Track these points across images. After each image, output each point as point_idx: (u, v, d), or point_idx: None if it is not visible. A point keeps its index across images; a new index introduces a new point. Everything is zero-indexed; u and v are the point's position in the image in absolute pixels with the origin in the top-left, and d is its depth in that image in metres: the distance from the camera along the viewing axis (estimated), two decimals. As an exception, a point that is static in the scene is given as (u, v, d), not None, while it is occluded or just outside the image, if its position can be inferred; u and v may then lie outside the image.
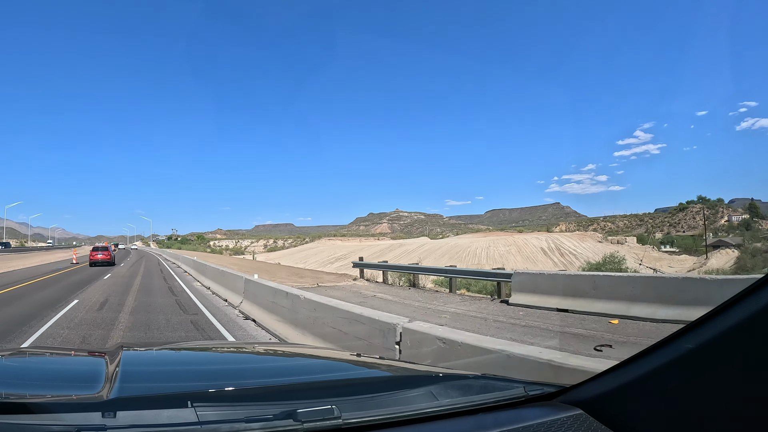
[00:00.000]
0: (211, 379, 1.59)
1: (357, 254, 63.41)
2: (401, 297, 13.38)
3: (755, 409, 0.84)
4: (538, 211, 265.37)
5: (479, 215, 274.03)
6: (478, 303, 11.81)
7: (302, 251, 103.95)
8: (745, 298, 0.88)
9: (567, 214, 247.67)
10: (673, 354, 0.97)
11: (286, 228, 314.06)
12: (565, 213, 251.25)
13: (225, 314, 9.83)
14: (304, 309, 6.61)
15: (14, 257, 37.27)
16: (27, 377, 1.55)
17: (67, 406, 1.03)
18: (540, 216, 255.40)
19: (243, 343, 6.38)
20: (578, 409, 1.16)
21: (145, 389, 1.30)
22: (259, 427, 1.00)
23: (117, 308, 10.46)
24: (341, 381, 1.49)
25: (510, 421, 1.14)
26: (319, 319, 6.09)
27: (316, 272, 26.82)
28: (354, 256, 44.85)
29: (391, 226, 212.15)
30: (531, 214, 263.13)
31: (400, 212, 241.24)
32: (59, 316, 9.23)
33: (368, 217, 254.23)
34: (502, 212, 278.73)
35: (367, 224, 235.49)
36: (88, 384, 1.32)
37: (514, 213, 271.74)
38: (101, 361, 1.64)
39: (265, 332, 7.56)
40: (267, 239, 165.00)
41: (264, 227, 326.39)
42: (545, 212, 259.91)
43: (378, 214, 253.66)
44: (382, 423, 1.11)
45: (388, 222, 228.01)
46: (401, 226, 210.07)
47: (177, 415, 1.00)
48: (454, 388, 1.31)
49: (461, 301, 12.16)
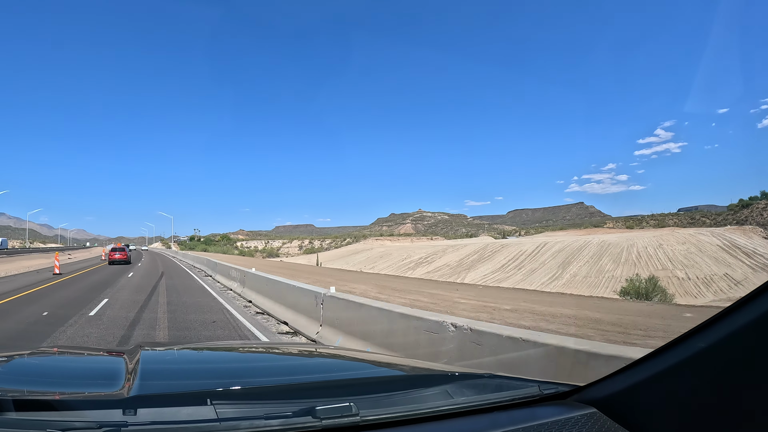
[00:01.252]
0: (230, 377, 1.62)
1: (440, 257, 55.03)
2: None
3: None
4: (562, 211, 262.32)
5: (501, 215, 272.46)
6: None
7: (355, 253, 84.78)
8: (759, 296, 0.87)
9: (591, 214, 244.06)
10: (686, 353, 0.98)
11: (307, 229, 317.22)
12: (589, 213, 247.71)
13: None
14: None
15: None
16: (48, 375, 1.59)
17: (88, 403, 1.06)
18: (564, 216, 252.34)
19: (262, 342, 6.38)
20: (592, 407, 1.17)
21: (164, 387, 1.34)
22: (278, 424, 1.02)
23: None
24: (358, 380, 1.52)
25: (524, 419, 1.15)
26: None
27: (425, 284, 20.72)
28: (440, 260, 37.73)
29: (415, 226, 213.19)
30: (554, 214, 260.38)
31: (423, 212, 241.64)
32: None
33: (390, 218, 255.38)
34: (525, 212, 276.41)
35: (390, 224, 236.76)
36: (108, 382, 1.37)
37: (537, 213, 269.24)
38: (120, 359, 1.67)
39: None
40: (299, 239, 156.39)
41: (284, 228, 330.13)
42: (569, 212, 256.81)
43: (400, 214, 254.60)
44: (399, 420, 1.13)
45: (411, 222, 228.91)
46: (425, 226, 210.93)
47: (197, 412, 1.02)
48: (469, 387, 1.33)
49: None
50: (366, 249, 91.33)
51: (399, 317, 4.70)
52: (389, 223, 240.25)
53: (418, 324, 4.32)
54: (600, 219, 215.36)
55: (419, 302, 11.31)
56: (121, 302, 11.27)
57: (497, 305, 11.26)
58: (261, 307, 10.20)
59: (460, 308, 10.22)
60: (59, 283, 16.79)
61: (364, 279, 22.10)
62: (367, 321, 5.38)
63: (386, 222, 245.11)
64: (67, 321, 8.47)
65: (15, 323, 8.28)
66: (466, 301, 12.11)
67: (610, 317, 9.42)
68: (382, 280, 21.83)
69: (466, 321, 3.89)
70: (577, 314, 9.84)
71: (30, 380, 1.46)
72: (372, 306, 5.38)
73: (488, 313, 9.51)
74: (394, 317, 4.79)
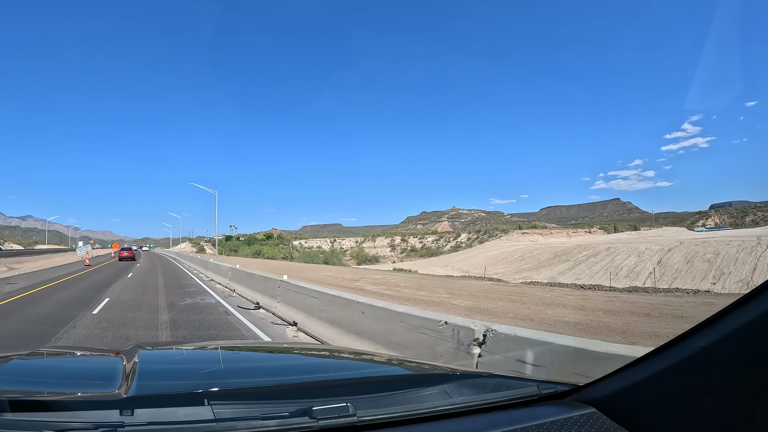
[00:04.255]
0: (227, 377, 1.62)
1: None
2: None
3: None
4: (598, 208, 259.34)
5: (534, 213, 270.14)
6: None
7: (515, 259, 44.48)
8: (760, 294, 0.87)
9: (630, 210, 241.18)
10: (686, 352, 0.97)
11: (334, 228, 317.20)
12: (627, 209, 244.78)
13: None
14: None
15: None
16: (46, 376, 1.59)
17: (85, 404, 1.07)
18: (600, 213, 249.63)
19: (260, 342, 6.36)
20: (591, 407, 1.17)
21: (162, 387, 1.34)
22: (275, 425, 1.02)
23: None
24: (356, 379, 1.51)
25: (523, 419, 1.15)
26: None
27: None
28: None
29: (452, 224, 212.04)
30: (590, 210, 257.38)
31: (459, 210, 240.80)
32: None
33: (421, 216, 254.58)
34: (559, 209, 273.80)
35: (424, 222, 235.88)
36: (105, 382, 1.36)
37: (571, 210, 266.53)
38: (118, 360, 1.67)
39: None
40: (369, 237, 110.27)
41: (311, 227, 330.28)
42: (605, 209, 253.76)
43: (431, 212, 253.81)
44: (397, 420, 1.13)
45: (448, 220, 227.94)
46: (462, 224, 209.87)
47: (194, 413, 1.03)
48: (467, 387, 1.33)
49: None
50: (517, 248, 51.47)
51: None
52: (424, 221, 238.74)
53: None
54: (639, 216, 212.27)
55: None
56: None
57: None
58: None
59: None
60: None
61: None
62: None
63: (420, 220, 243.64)
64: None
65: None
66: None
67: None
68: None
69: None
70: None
71: (27, 381, 1.47)
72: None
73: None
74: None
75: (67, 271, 24.05)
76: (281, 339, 7.00)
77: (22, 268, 25.29)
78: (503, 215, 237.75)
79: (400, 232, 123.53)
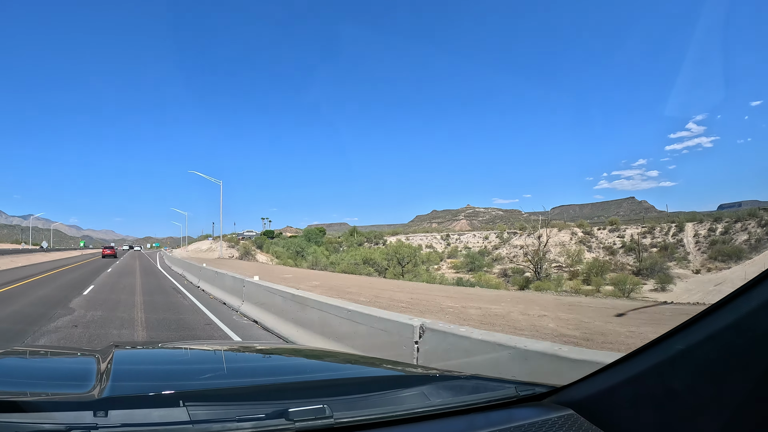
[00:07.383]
0: (204, 378, 1.57)
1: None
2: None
3: (748, 410, 0.83)
4: (612, 207, 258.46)
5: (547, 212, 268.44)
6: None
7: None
8: (736, 298, 0.87)
9: (646, 210, 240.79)
10: (664, 355, 0.97)
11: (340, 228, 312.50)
12: (643, 208, 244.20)
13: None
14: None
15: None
16: (18, 376, 1.52)
17: (58, 405, 1.02)
18: (615, 211, 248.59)
19: (238, 342, 6.15)
20: (569, 409, 1.16)
21: (137, 388, 1.28)
22: (250, 426, 0.99)
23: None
24: (334, 380, 1.48)
25: (501, 421, 1.14)
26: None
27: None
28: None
29: (471, 222, 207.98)
30: (604, 210, 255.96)
31: (475, 208, 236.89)
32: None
33: (433, 214, 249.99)
34: (572, 208, 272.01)
35: (439, 221, 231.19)
36: (79, 383, 1.31)
37: (584, 209, 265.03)
38: (93, 360, 1.61)
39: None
40: (424, 233, 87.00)
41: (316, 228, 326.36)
42: (620, 207, 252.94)
43: (442, 211, 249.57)
44: (374, 422, 1.10)
45: (465, 218, 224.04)
46: (481, 222, 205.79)
47: (169, 414, 1.00)
48: (446, 389, 1.30)
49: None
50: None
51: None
52: (438, 219, 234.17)
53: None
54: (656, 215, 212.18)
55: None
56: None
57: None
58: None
59: None
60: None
61: None
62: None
63: (433, 218, 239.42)
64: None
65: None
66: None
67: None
68: None
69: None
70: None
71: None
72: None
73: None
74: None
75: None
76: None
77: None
78: (521, 213, 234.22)
79: (387, 232, 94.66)
